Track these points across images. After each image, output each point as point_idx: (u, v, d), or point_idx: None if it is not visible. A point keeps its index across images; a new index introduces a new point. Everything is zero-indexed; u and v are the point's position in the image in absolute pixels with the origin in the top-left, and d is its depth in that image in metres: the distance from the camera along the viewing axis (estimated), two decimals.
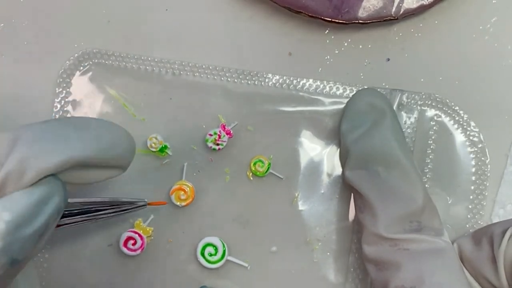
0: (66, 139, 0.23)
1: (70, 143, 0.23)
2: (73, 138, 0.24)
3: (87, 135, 0.24)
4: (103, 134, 0.25)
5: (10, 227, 0.21)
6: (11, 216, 0.21)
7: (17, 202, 0.22)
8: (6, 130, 0.23)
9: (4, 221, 0.21)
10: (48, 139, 0.23)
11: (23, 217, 0.22)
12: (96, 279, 0.35)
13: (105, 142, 0.25)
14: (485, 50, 0.36)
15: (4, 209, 0.21)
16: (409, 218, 0.28)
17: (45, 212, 0.23)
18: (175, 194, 0.34)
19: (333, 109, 0.35)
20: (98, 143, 0.25)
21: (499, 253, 0.27)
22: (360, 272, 0.35)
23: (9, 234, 0.21)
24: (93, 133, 0.25)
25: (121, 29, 0.36)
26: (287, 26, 0.36)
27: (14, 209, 0.21)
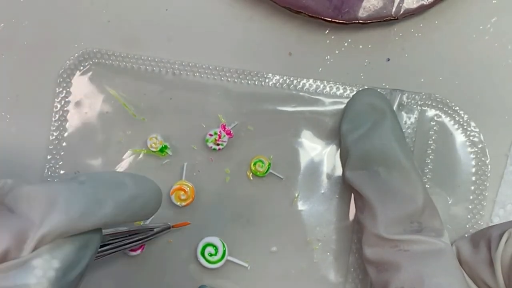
0: (99, 205, 0.24)
1: (104, 209, 0.24)
2: (107, 203, 0.24)
3: (122, 198, 0.25)
4: (137, 195, 0.26)
5: (59, 274, 0.22)
6: (60, 263, 0.22)
7: (63, 249, 0.23)
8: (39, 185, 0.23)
9: (54, 268, 0.22)
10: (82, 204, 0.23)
11: (70, 263, 0.23)
12: (96, 279, 0.35)
13: (138, 205, 0.26)
14: (485, 50, 0.36)
15: (52, 257, 0.22)
16: (410, 219, 0.28)
17: (87, 256, 0.24)
18: (175, 194, 0.34)
19: (333, 109, 0.35)
20: (131, 205, 0.26)
21: (496, 255, 0.27)
22: (360, 272, 0.35)
23: (58, 281, 0.22)
24: (127, 194, 0.25)
25: (121, 29, 0.36)
26: (287, 26, 0.36)
27: (61, 257, 0.22)
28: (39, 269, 0.21)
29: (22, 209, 0.22)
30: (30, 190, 0.23)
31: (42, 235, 0.22)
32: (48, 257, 0.22)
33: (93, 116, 0.35)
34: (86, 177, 0.25)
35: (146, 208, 0.27)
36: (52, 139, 0.35)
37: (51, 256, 0.22)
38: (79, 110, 0.35)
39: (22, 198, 0.23)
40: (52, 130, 0.35)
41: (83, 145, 0.35)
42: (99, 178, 0.25)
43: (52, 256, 0.22)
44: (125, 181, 0.26)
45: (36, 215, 0.22)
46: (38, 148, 0.35)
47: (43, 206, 0.22)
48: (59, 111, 0.35)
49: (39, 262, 0.22)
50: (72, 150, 0.35)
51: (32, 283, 0.21)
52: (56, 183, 0.24)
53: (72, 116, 0.35)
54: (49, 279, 0.21)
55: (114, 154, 0.35)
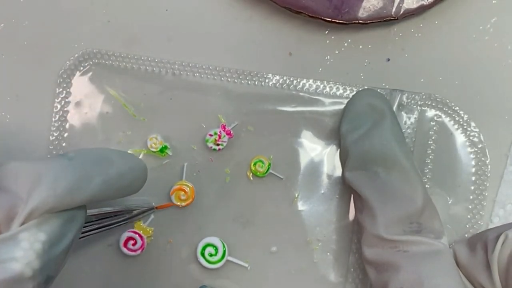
0: (88, 181, 0.24)
1: (91, 185, 0.24)
2: (95, 180, 0.25)
3: (110, 174, 0.25)
4: (124, 172, 0.27)
5: (46, 246, 0.22)
6: (46, 236, 0.23)
7: (50, 223, 0.23)
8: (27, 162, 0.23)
9: (41, 241, 0.22)
10: (70, 180, 0.23)
11: (56, 236, 0.23)
12: (96, 279, 0.35)
13: (125, 182, 0.27)
14: (485, 50, 0.36)
15: (39, 230, 0.22)
16: (409, 219, 0.28)
17: (72, 230, 0.24)
18: (175, 194, 0.34)
19: (333, 110, 0.35)
20: (119, 182, 0.26)
21: (493, 258, 0.27)
22: (360, 272, 0.35)
23: (45, 253, 0.22)
24: (115, 171, 0.26)
25: (121, 29, 0.36)
26: (287, 26, 0.36)
27: (48, 230, 0.23)
28: (26, 242, 0.22)
29: (9, 185, 0.23)
30: (17, 166, 0.23)
31: (30, 210, 0.22)
32: (35, 230, 0.22)
33: (93, 117, 0.35)
34: (75, 154, 0.25)
35: (133, 184, 0.28)
36: (52, 139, 0.35)
37: (37, 229, 0.22)
38: (79, 110, 0.35)
39: (9, 175, 0.23)
40: (52, 130, 0.35)
41: (83, 146, 0.35)
42: (88, 154, 0.26)
43: (38, 229, 0.22)
44: (112, 158, 0.26)
45: (23, 191, 0.22)
46: (38, 148, 0.35)
47: (30, 182, 0.22)
48: (59, 112, 0.35)
49: (26, 235, 0.22)
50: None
51: (19, 256, 0.21)
52: (44, 159, 0.25)
53: (72, 117, 0.35)
54: (36, 251, 0.22)
55: None
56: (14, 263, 0.21)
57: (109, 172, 0.26)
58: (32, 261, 0.22)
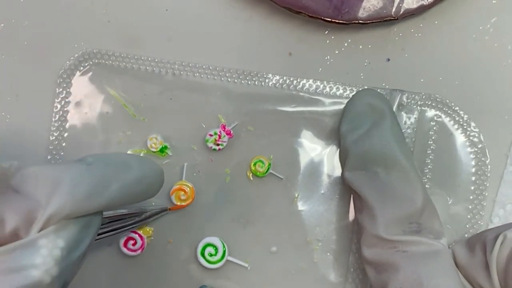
0: (106, 187, 0.24)
1: (109, 191, 0.24)
2: (113, 186, 0.25)
3: (127, 180, 0.25)
4: (142, 178, 0.26)
5: (64, 253, 0.22)
6: (64, 243, 0.23)
7: (68, 229, 0.23)
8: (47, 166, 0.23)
9: (59, 248, 0.22)
10: (88, 186, 0.23)
11: (74, 242, 0.23)
12: (96, 279, 0.35)
13: (142, 187, 0.27)
14: (485, 50, 0.36)
15: (57, 236, 0.22)
16: (409, 220, 0.28)
17: (89, 235, 0.24)
18: (175, 194, 0.34)
19: (333, 110, 0.35)
20: (136, 187, 0.26)
21: (492, 258, 0.27)
22: (360, 272, 0.35)
23: (63, 260, 0.22)
24: (133, 177, 0.26)
25: (121, 29, 0.36)
26: (287, 26, 0.36)
27: (66, 236, 0.23)
28: (45, 249, 0.22)
29: (28, 190, 0.23)
30: (37, 171, 0.23)
31: (49, 216, 0.22)
32: (53, 237, 0.22)
33: (93, 117, 0.35)
34: (93, 159, 0.25)
35: (150, 189, 0.28)
36: (52, 139, 0.35)
37: (56, 235, 0.22)
38: (79, 110, 0.35)
39: (28, 179, 0.23)
40: (52, 130, 0.35)
41: (83, 146, 0.35)
42: (106, 160, 0.26)
43: (57, 236, 0.22)
44: (130, 163, 0.26)
45: (43, 196, 0.22)
46: (38, 148, 0.35)
47: (49, 187, 0.22)
48: (59, 112, 0.35)
49: (45, 241, 0.22)
50: (72, 150, 0.35)
51: (38, 263, 0.21)
52: (63, 164, 0.25)
53: (72, 117, 0.35)
54: (54, 258, 0.22)
55: None
56: (33, 270, 0.21)
57: (127, 177, 0.25)
58: (51, 268, 0.22)
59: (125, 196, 0.25)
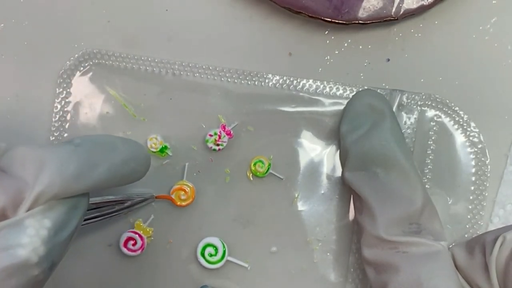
0: (93, 168, 0.24)
1: (96, 171, 0.24)
2: (101, 167, 0.25)
3: (115, 161, 0.26)
4: (129, 160, 0.27)
5: (51, 233, 0.22)
6: (51, 223, 0.23)
7: (55, 210, 0.23)
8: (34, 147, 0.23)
9: (46, 227, 0.22)
10: (75, 166, 0.23)
11: (61, 222, 0.23)
12: (96, 279, 0.35)
13: (129, 169, 0.27)
14: (485, 50, 0.36)
15: (44, 216, 0.22)
16: (408, 220, 0.28)
17: (76, 216, 0.24)
18: (175, 194, 0.34)
19: (333, 110, 0.35)
20: (123, 169, 0.26)
21: (491, 260, 0.27)
22: (360, 272, 0.35)
23: (50, 240, 0.22)
24: (120, 158, 0.26)
25: (121, 29, 0.36)
26: (287, 26, 0.36)
27: (53, 216, 0.23)
28: (32, 228, 0.22)
29: (16, 170, 0.23)
30: (24, 151, 0.23)
31: (36, 195, 0.22)
32: (40, 217, 0.22)
33: (93, 117, 0.35)
34: (81, 140, 0.25)
35: (136, 171, 0.28)
36: (52, 139, 0.35)
37: (43, 216, 0.22)
38: (79, 110, 0.35)
39: (16, 159, 0.23)
40: (52, 130, 0.35)
41: None
42: (94, 141, 0.26)
43: (44, 216, 0.22)
44: (117, 145, 0.26)
45: (30, 175, 0.22)
46: None
47: (37, 166, 0.23)
48: (59, 112, 0.35)
49: (32, 221, 0.22)
50: None
51: (25, 242, 0.21)
52: (52, 145, 0.25)
53: (72, 117, 0.35)
54: (41, 238, 0.22)
55: None
56: (20, 249, 0.21)
57: (114, 158, 0.26)
58: (37, 248, 0.22)
59: (112, 177, 0.25)
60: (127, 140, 0.28)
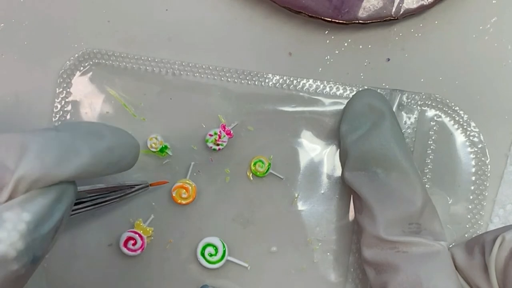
0: (76, 154, 0.24)
1: (79, 157, 0.24)
2: (83, 153, 0.24)
3: (99, 148, 0.25)
4: (114, 147, 0.26)
5: (31, 227, 0.22)
6: (31, 216, 0.22)
7: (35, 202, 0.22)
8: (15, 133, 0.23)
9: (25, 221, 0.22)
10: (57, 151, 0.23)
11: (42, 216, 0.22)
12: (96, 279, 0.35)
13: (115, 157, 0.26)
14: (485, 50, 0.36)
15: (23, 209, 0.22)
16: (408, 220, 0.28)
17: (60, 209, 0.24)
18: (176, 191, 0.34)
19: (333, 110, 0.35)
20: (108, 156, 0.25)
21: (490, 260, 0.27)
22: (360, 272, 0.35)
23: (30, 234, 0.22)
24: (105, 145, 0.25)
25: (121, 29, 0.36)
26: (287, 26, 0.36)
27: (32, 209, 0.22)
28: (9, 222, 0.21)
29: None
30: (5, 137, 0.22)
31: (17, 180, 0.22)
32: (19, 210, 0.22)
33: (93, 117, 0.35)
34: (63, 126, 0.25)
35: (123, 160, 0.27)
36: None
37: (22, 209, 0.22)
38: (79, 110, 0.35)
39: None
40: None
41: None
42: (77, 127, 0.25)
43: (23, 209, 0.22)
44: (103, 132, 0.26)
45: (11, 160, 0.22)
46: None
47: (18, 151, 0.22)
48: (59, 112, 0.35)
49: (9, 215, 0.21)
50: None
51: (1, 237, 0.21)
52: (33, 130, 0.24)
53: (72, 117, 0.35)
54: (19, 232, 0.21)
55: None
56: None
57: (99, 145, 0.25)
58: (15, 242, 0.21)
59: (97, 164, 0.25)
60: (115, 128, 0.27)
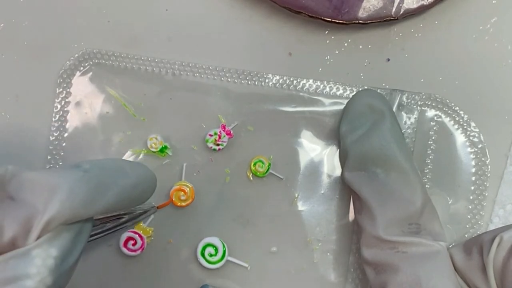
0: (103, 193, 0.24)
1: (106, 197, 0.24)
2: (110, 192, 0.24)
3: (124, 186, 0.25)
4: (137, 184, 0.26)
5: (58, 262, 0.22)
6: (58, 251, 0.22)
7: (61, 238, 0.23)
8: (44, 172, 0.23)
9: (53, 257, 0.22)
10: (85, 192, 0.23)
11: (67, 250, 0.23)
12: (96, 279, 0.35)
13: (137, 193, 0.27)
14: (485, 50, 0.36)
15: (50, 245, 0.22)
16: (408, 221, 0.28)
17: (82, 241, 0.24)
18: (175, 194, 0.34)
19: (333, 110, 0.35)
20: (132, 193, 0.26)
21: (488, 260, 0.27)
22: (360, 272, 0.35)
23: (57, 268, 0.22)
24: (130, 183, 0.26)
25: (121, 29, 0.36)
26: (287, 26, 0.36)
27: (59, 245, 0.23)
28: (38, 258, 0.22)
29: (25, 196, 0.22)
30: (34, 177, 0.23)
31: (46, 222, 0.22)
32: (47, 246, 0.22)
33: (93, 117, 0.35)
34: (90, 165, 0.25)
35: (144, 195, 0.28)
36: (52, 139, 0.35)
37: (49, 244, 0.22)
38: (79, 110, 0.35)
39: (25, 185, 0.23)
40: (52, 130, 0.35)
41: (83, 146, 0.35)
42: (103, 166, 0.26)
43: (50, 244, 0.22)
44: (126, 169, 0.26)
45: (40, 202, 0.22)
46: (38, 148, 0.35)
47: (47, 193, 0.22)
48: (59, 112, 0.35)
49: (38, 251, 0.22)
50: (72, 150, 0.35)
51: (32, 273, 0.21)
52: (60, 170, 0.24)
53: (72, 117, 0.35)
54: (48, 267, 0.22)
55: (114, 155, 0.35)
56: (28, 280, 0.21)
57: (123, 184, 0.25)
58: (45, 278, 0.22)
59: (121, 202, 0.25)
60: (135, 163, 0.28)
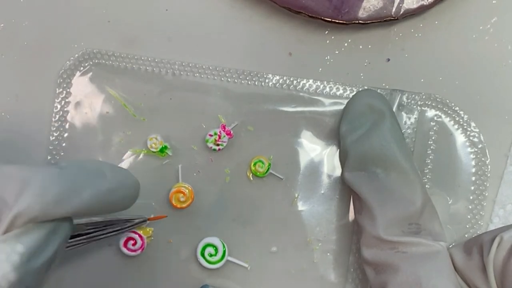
0: (78, 193, 0.23)
1: (79, 197, 0.23)
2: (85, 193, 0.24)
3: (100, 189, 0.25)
4: (115, 188, 0.26)
5: (24, 259, 0.22)
6: (24, 248, 0.22)
7: (29, 235, 0.22)
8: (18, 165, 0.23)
9: (18, 253, 0.22)
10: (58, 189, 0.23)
11: (36, 248, 0.22)
12: (96, 279, 0.35)
13: (115, 198, 0.26)
14: (485, 50, 0.36)
15: (17, 241, 0.22)
16: (408, 221, 0.28)
17: (55, 242, 0.24)
18: (174, 196, 0.34)
19: (333, 110, 0.35)
20: (108, 197, 0.25)
21: (488, 260, 0.27)
22: (360, 272, 0.35)
23: (22, 266, 0.22)
24: (106, 186, 0.25)
25: (121, 29, 0.36)
26: (287, 26, 0.36)
27: (27, 242, 0.22)
28: (3, 253, 0.21)
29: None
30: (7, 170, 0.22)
31: (14, 216, 0.21)
32: (13, 241, 0.22)
33: (93, 117, 0.35)
34: (67, 163, 0.25)
35: (123, 201, 0.27)
36: (52, 139, 0.35)
37: (16, 240, 0.22)
38: (79, 110, 0.35)
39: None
40: (52, 130, 0.35)
41: (83, 146, 0.35)
42: (80, 166, 0.25)
43: (17, 240, 0.22)
44: (105, 172, 0.26)
45: (11, 195, 0.22)
46: (38, 148, 0.35)
47: (18, 187, 0.22)
48: (59, 112, 0.35)
49: (3, 246, 0.21)
50: (72, 150, 0.35)
51: None
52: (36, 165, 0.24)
53: (72, 117, 0.35)
54: (12, 263, 0.21)
55: (114, 155, 0.35)
56: None
57: (100, 186, 0.25)
58: (8, 273, 0.21)
59: (96, 204, 0.24)
60: (118, 168, 0.27)
